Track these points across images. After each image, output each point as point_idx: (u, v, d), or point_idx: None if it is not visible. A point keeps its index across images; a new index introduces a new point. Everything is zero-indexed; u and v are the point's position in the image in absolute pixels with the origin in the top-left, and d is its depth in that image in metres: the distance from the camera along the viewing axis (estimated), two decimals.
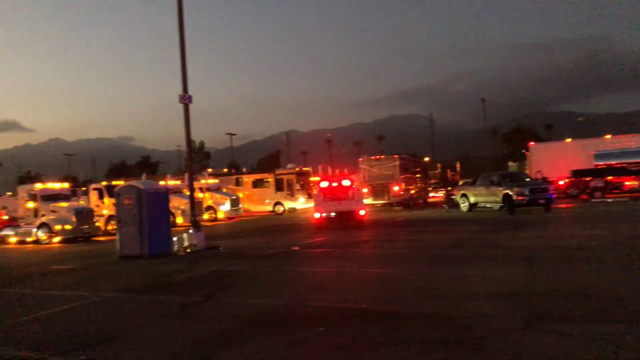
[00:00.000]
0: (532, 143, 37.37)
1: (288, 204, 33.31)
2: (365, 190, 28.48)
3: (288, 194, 33.34)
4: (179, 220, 25.86)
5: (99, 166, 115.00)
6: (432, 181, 46.74)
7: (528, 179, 23.25)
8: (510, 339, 4.91)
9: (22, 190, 23.11)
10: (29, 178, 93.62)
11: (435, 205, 31.97)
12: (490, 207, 22.76)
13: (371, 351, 4.85)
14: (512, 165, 55.34)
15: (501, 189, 21.31)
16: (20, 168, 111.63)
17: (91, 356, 5.26)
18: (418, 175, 33.73)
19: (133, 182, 15.35)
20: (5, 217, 27.34)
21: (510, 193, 20.52)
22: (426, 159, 42.47)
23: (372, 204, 29.06)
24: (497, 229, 15.52)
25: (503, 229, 15.29)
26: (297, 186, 33.46)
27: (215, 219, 29.91)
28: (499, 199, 21.36)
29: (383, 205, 29.65)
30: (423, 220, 21.06)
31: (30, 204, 21.86)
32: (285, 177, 33.70)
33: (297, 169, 35.82)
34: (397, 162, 29.09)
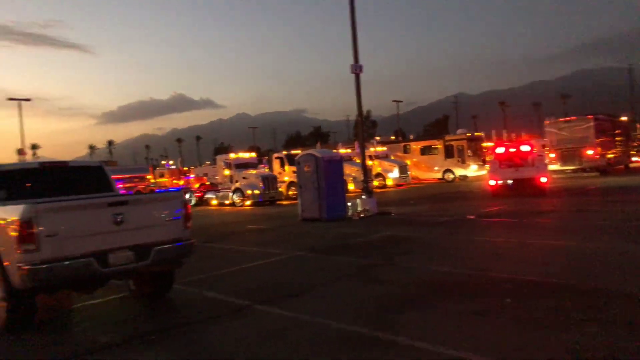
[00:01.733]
0: None
1: (458, 172, 32.12)
2: (552, 155, 26.06)
3: (458, 161, 32.10)
4: (351, 186, 26.93)
5: (277, 137, 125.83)
6: (634, 144, 40.18)
7: None
8: None
9: (220, 159, 26.64)
10: (222, 149, 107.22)
11: (638, 171, 27.56)
12: None
13: (571, 327, 4.47)
14: None
15: None
16: (215, 141, 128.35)
17: (287, 307, 5.88)
18: (618, 138, 29.44)
19: (311, 151, 16.43)
20: (207, 183, 31.92)
21: None
22: (623, 118, 36.53)
23: (561, 170, 26.57)
24: None
25: None
26: (469, 152, 31.95)
27: (384, 186, 30.44)
28: None
29: (574, 171, 26.79)
30: (623, 188, 18.36)
31: (227, 172, 25.07)
32: (455, 143, 32.43)
33: (468, 134, 34.10)
34: (592, 124, 25.77)
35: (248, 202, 23.72)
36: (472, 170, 31.68)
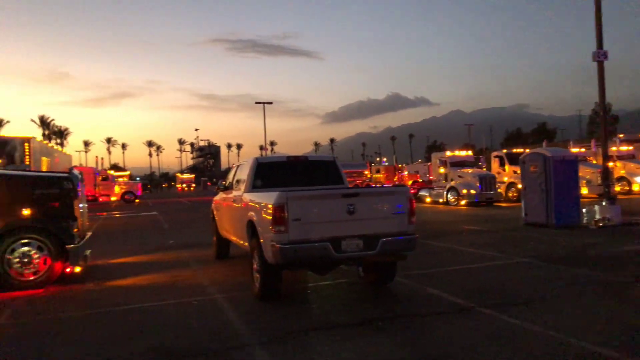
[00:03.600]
0: None
1: None
2: None
3: None
4: (584, 190, 23.61)
5: (495, 134, 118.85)
6: None
7: None
8: None
9: (435, 157, 26.49)
10: (434, 147, 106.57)
11: None
12: None
13: None
14: None
15: None
16: (427, 139, 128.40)
17: (515, 315, 5.51)
18: None
19: (539, 150, 15.05)
20: (420, 180, 32.13)
21: None
22: None
23: None
24: None
25: None
26: None
27: (629, 192, 25.88)
28: None
29: None
30: None
31: (442, 170, 24.79)
32: None
33: None
34: None
35: (463, 202, 23.00)
36: None
